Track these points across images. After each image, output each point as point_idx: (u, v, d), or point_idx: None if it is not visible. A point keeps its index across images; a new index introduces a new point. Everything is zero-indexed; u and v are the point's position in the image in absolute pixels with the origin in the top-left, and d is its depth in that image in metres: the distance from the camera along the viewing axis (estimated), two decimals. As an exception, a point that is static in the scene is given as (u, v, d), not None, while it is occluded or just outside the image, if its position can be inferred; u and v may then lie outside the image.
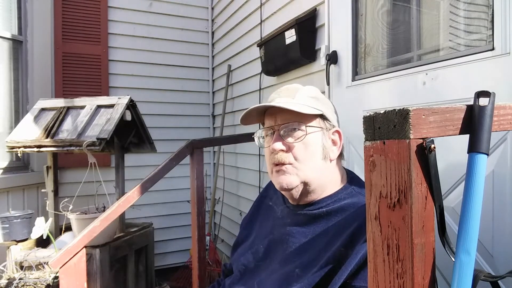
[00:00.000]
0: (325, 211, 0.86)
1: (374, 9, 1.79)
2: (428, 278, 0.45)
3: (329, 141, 0.89)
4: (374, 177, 0.48)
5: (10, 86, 2.96)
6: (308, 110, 0.85)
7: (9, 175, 2.79)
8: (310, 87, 0.96)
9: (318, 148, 0.87)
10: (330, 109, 0.92)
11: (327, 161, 0.88)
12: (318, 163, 0.87)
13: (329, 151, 0.88)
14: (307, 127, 0.85)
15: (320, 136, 0.87)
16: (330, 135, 0.89)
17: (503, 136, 1.14)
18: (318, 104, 0.89)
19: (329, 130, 0.89)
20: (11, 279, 2.08)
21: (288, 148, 0.86)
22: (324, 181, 0.89)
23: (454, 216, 1.27)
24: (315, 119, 0.88)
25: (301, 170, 0.86)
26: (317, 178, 0.88)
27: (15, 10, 3.00)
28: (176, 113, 3.82)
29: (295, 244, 0.87)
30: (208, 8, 3.97)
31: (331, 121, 0.90)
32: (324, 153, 0.88)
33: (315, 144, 0.87)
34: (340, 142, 0.91)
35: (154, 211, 3.55)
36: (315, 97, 0.90)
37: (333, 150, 0.89)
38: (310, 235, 0.86)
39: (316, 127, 0.87)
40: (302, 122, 0.85)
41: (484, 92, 0.49)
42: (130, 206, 1.70)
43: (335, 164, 0.92)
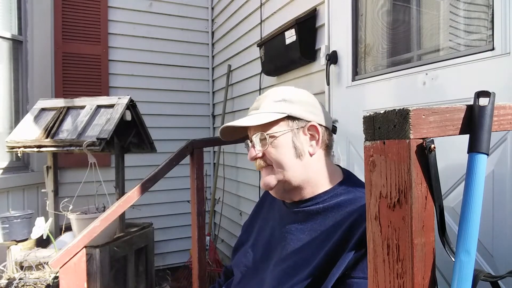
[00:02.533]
0: (321, 207, 0.89)
1: (374, 9, 1.79)
2: (428, 278, 0.45)
3: (303, 138, 0.92)
4: (374, 177, 0.48)
5: (10, 86, 2.96)
6: (266, 119, 0.89)
7: (9, 175, 2.79)
8: (279, 89, 0.97)
9: (289, 149, 0.91)
10: (304, 106, 0.93)
11: (304, 157, 0.91)
12: (292, 162, 0.91)
13: (304, 147, 0.91)
14: (271, 135, 0.91)
15: (289, 137, 0.91)
16: (305, 132, 0.92)
17: (503, 136, 1.14)
18: (285, 106, 0.91)
19: (302, 128, 0.91)
20: (11, 279, 2.08)
21: (263, 154, 0.93)
22: (308, 176, 0.92)
23: (454, 216, 1.27)
24: (281, 122, 0.91)
25: (276, 170, 0.92)
26: (296, 175, 0.91)
27: (15, 10, 3.00)
28: (176, 113, 3.82)
29: (294, 241, 0.89)
30: (208, 8, 3.97)
31: (304, 118, 0.92)
32: (297, 152, 0.91)
33: (285, 146, 0.91)
34: (318, 135, 0.92)
35: (154, 211, 3.55)
36: (282, 100, 0.92)
37: (312, 144, 0.92)
38: (307, 231, 0.88)
39: (283, 130, 0.91)
40: (265, 131, 0.91)
41: (484, 92, 0.49)
42: (130, 206, 1.70)
43: (319, 158, 0.93)
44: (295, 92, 0.96)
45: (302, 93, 0.97)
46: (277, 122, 0.91)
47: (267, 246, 0.98)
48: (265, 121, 0.89)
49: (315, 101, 0.97)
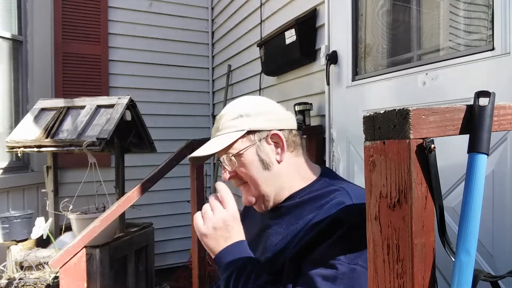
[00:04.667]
0: (297, 201, 0.91)
1: (374, 9, 1.79)
2: (428, 278, 0.45)
3: (267, 148, 0.91)
4: (374, 177, 0.48)
5: (10, 86, 2.96)
6: (226, 142, 0.90)
7: (9, 175, 2.79)
8: (235, 105, 0.96)
9: (256, 164, 0.91)
10: (262, 116, 0.92)
11: (273, 167, 0.92)
12: (263, 176, 0.91)
13: (271, 157, 0.91)
14: (236, 154, 0.91)
15: (253, 151, 0.91)
16: (268, 141, 0.92)
17: (503, 136, 1.14)
18: (243, 121, 0.91)
19: (264, 138, 0.91)
20: (11, 279, 2.08)
21: (235, 173, 0.94)
22: (282, 182, 0.93)
23: (454, 216, 1.27)
24: (242, 139, 0.91)
25: (252, 187, 0.93)
26: (270, 187, 0.92)
27: (15, 10, 3.00)
28: (176, 113, 3.82)
29: (272, 235, 0.92)
30: (208, 8, 3.97)
31: (264, 129, 0.91)
32: (264, 164, 0.91)
33: (252, 162, 0.91)
34: (282, 141, 0.91)
35: (154, 211, 3.55)
36: (239, 115, 0.92)
37: (278, 152, 0.92)
38: (285, 225, 0.91)
39: (246, 147, 0.91)
40: (230, 151, 0.91)
41: (484, 92, 0.49)
42: (130, 206, 1.70)
43: (290, 161, 0.93)
44: (251, 103, 0.95)
45: (258, 102, 0.96)
46: (240, 139, 0.91)
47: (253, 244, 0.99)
48: (225, 144, 0.89)
49: (272, 106, 0.96)
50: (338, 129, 1.94)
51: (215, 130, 0.96)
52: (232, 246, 0.86)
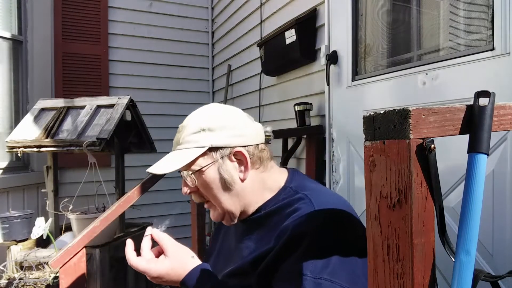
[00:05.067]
0: (263, 214, 0.88)
1: (374, 9, 1.79)
2: (428, 278, 0.45)
3: (230, 166, 0.86)
4: (374, 177, 0.48)
5: (10, 86, 2.96)
6: (186, 159, 0.84)
7: (9, 175, 2.79)
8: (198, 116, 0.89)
9: (217, 182, 0.86)
10: (226, 131, 0.85)
11: (235, 186, 0.86)
12: (225, 194, 0.87)
13: (233, 176, 0.86)
14: (197, 171, 0.85)
15: (215, 169, 0.85)
16: (231, 158, 0.86)
17: (503, 136, 1.14)
18: (205, 137, 0.84)
19: (227, 155, 0.85)
20: (11, 279, 2.08)
21: (196, 189, 0.89)
22: (246, 200, 0.88)
23: (454, 216, 1.27)
24: (203, 156, 0.85)
25: (216, 205, 0.89)
26: (234, 205, 0.88)
27: (15, 10, 3.00)
28: (176, 113, 3.81)
29: (243, 249, 0.90)
30: (208, 8, 3.97)
31: (227, 145, 0.85)
32: (226, 183, 0.86)
33: (213, 180, 0.86)
34: (245, 159, 0.85)
35: (154, 211, 3.54)
36: (201, 129, 0.85)
37: (241, 169, 0.86)
38: (254, 239, 0.88)
39: (207, 164, 0.85)
40: (190, 168, 0.86)
41: (484, 92, 0.49)
42: (130, 206, 1.70)
43: (254, 178, 0.88)
44: (214, 115, 0.88)
45: (222, 114, 0.88)
46: (201, 155, 0.85)
47: (227, 256, 0.98)
48: (186, 161, 0.84)
49: (237, 119, 0.88)
50: (338, 129, 1.94)
51: (176, 142, 0.90)
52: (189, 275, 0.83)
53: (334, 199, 0.86)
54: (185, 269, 0.84)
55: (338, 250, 0.74)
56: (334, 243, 0.75)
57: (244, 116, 0.90)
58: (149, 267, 0.83)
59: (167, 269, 0.83)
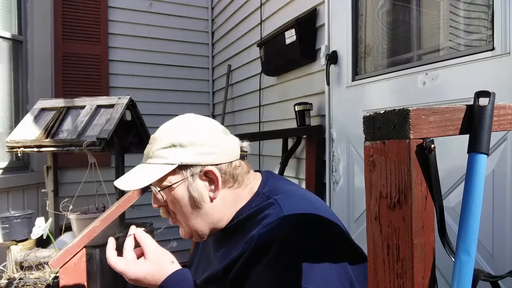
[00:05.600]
0: (236, 222, 0.86)
1: (374, 9, 1.79)
2: (428, 278, 0.45)
3: (200, 184, 0.83)
4: (374, 177, 0.48)
5: (10, 86, 2.96)
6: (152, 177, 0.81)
7: (9, 175, 2.79)
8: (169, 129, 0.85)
9: (185, 201, 0.83)
10: (197, 148, 0.81)
11: (204, 205, 0.84)
12: (193, 213, 0.84)
13: (203, 195, 0.83)
14: (165, 187, 0.83)
15: (184, 187, 0.82)
16: (202, 177, 0.82)
17: (503, 136, 1.14)
18: (175, 153, 0.81)
19: (198, 174, 0.82)
20: (11, 279, 2.08)
21: (165, 203, 0.86)
22: (216, 218, 0.86)
23: (454, 216, 1.27)
24: (173, 173, 0.82)
25: (184, 223, 0.87)
26: (202, 223, 0.86)
27: (15, 10, 3.00)
28: (176, 113, 3.72)
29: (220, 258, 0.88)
30: (208, 8, 3.97)
31: (198, 163, 0.81)
32: (195, 201, 0.83)
33: (181, 198, 0.83)
34: (216, 178, 0.82)
35: (154, 211, 3.52)
36: (172, 145, 0.81)
37: (212, 188, 0.83)
38: (230, 245, 0.86)
39: (176, 182, 0.82)
40: (159, 183, 0.83)
41: (484, 92, 0.49)
42: (130, 206, 1.70)
43: (224, 196, 0.85)
44: (187, 130, 0.84)
45: (195, 129, 0.84)
46: (171, 173, 0.81)
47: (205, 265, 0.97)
48: (154, 178, 0.80)
49: (211, 134, 0.84)
50: (338, 129, 1.94)
51: (146, 155, 0.86)
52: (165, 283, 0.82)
53: (306, 203, 0.84)
54: (164, 274, 0.82)
55: (306, 256, 0.72)
56: (302, 249, 0.73)
57: (219, 131, 0.86)
58: (127, 269, 0.82)
59: (145, 272, 0.82)
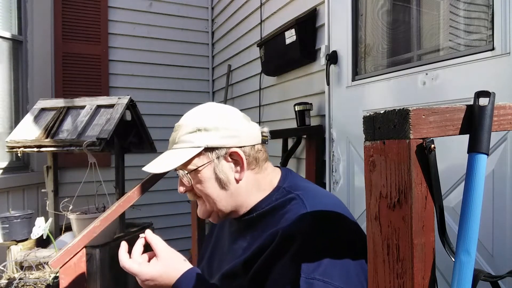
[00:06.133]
0: (258, 214, 0.88)
1: (374, 9, 1.79)
2: (428, 278, 0.45)
3: (226, 166, 0.86)
4: (374, 177, 0.48)
5: (10, 86, 2.96)
6: (181, 159, 0.84)
7: (9, 175, 2.79)
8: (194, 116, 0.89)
9: (212, 182, 0.86)
10: (221, 131, 0.85)
11: (230, 186, 0.87)
12: (220, 194, 0.87)
13: (229, 176, 0.86)
14: (192, 170, 0.86)
15: (210, 169, 0.86)
16: (227, 159, 0.86)
17: (503, 136, 1.14)
18: (200, 137, 0.85)
19: (223, 156, 0.86)
20: (11, 279, 2.08)
21: (191, 188, 0.89)
22: (239, 201, 0.89)
23: (454, 216, 1.27)
24: (199, 156, 0.85)
25: (207, 203, 0.90)
26: (226, 205, 0.88)
27: (15, 10, 3.00)
28: (176, 113, 3.77)
29: (237, 250, 0.90)
30: (208, 8, 3.97)
31: (223, 146, 0.85)
32: (222, 183, 0.86)
33: (209, 179, 0.86)
34: (241, 160, 0.85)
35: (154, 211, 3.54)
36: (197, 129, 0.85)
37: (237, 170, 0.87)
38: (249, 238, 0.88)
39: (203, 164, 0.85)
40: (186, 167, 0.86)
41: (484, 92, 0.49)
42: (130, 206, 1.70)
43: (249, 179, 0.88)
44: (210, 115, 0.87)
45: (218, 114, 0.88)
46: (197, 155, 0.85)
47: (221, 257, 0.98)
48: (181, 161, 0.84)
49: (234, 119, 0.88)
50: (338, 129, 1.94)
51: (172, 141, 0.90)
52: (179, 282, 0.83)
53: (327, 200, 0.86)
54: (178, 272, 0.84)
55: (329, 251, 0.74)
56: (325, 244, 0.75)
57: (240, 116, 0.90)
58: (141, 270, 0.83)
59: (160, 272, 0.83)
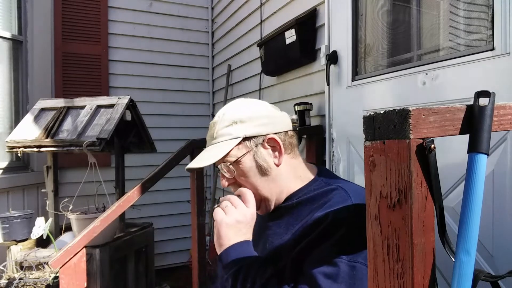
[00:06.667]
0: (295, 202, 0.92)
1: (374, 9, 1.79)
2: (428, 278, 0.45)
3: (265, 153, 0.91)
4: (374, 177, 0.48)
5: (10, 86, 2.96)
6: (222, 152, 0.89)
7: (9, 175, 2.79)
8: (228, 110, 0.94)
9: (253, 170, 0.91)
10: (256, 121, 0.91)
11: (272, 171, 0.92)
12: (262, 181, 0.92)
13: (269, 162, 0.91)
14: (234, 162, 0.90)
15: (250, 158, 0.91)
16: (265, 146, 0.91)
17: (503, 136, 1.14)
18: (237, 128, 0.90)
19: (261, 144, 0.91)
20: (11, 279, 2.08)
21: (234, 180, 0.94)
22: (281, 186, 0.93)
23: (454, 216, 1.27)
24: (238, 146, 0.90)
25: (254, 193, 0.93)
26: (270, 191, 0.93)
27: (15, 10, 3.00)
28: (176, 113, 3.81)
29: (271, 236, 0.94)
30: (208, 8, 3.97)
31: (259, 134, 0.90)
32: (263, 169, 0.91)
33: (250, 168, 0.91)
34: (279, 145, 0.91)
35: (154, 211, 3.54)
36: (233, 122, 0.91)
37: (276, 155, 0.92)
38: (284, 225, 0.92)
39: (243, 154, 0.90)
40: (226, 160, 0.91)
41: (484, 92, 0.49)
42: (130, 206, 1.70)
43: (287, 163, 0.94)
44: (243, 108, 0.94)
45: (251, 106, 0.94)
46: (236, 146, 0.90)
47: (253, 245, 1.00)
48: (223, 153, 0.89)
49: (265, 109, 0.95)
50: (338, 129, 1.94)
51: (209, 138, 0.95)
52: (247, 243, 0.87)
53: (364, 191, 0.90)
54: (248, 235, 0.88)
55: None
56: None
57: (270, 106, 0.97)
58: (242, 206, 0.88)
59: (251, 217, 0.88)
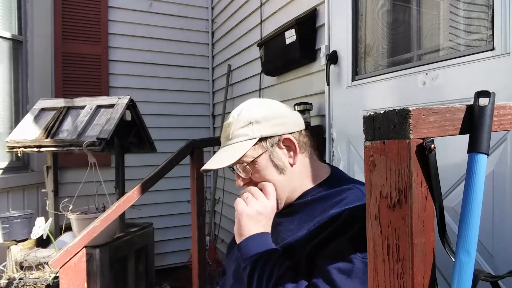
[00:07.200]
0: (309, 199, 0.93)
1: (374, 9, 1.79)
2: (428, 278, 0.45)
3: (280, 153, 0.92)
4: (374, 177, 0.48)
5: (10, 86, 2.96)
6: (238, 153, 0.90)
7: (9, 175, 2.79)
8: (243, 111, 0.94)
9: (270, 169, 0.92)
10: (271, 121, 0.92)
11: (287, 170, 0.93)
12: (278, 180, 0.93)
13: (284, 162, 0.93)
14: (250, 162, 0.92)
15: (266, 158, 0.92)
16: (280, 146, 0.92)
17: (503, 136, 1.14)
18: (253, 129, 0.91)
19: (276, 144, 0.92)
20: (11, 279, 2.08)
21: (249, 179, 0.95)
22: (294, 185, 0.94)
23: (454, 216, 1.27)
24: (254, 146, 0.91)
25: None
26: (284, 190, 0.94)
27: (15, 10, 3.00)
28: (176, 113, 3.82)
29: (283, 232, 0.94)
30: (208, 8, 3.97)
31: (275, 134, 0.92)
32: (279, 169, 0.93)
33: (266, 168, 0.92)
34: (294, 145, 0.92)
35: (154, 211, 3.54)
36: (249, 123, 0.91)
37: (291, 155, 0.93)
38: (296, 222, 0.92)
39: (259, 154, 0.91)
40: (242, 160, 0.92)
41: (484, 92, 0.49)
42: (130, 206, 1.70)
43: (302, 163, 0.95)
44: (259, 108, 0.94)
45: (265, 106, 0.95)
46: (252, 147, 0.91)
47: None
48: (240, 154, 0.90)
49: (280, 108, 0.96)
50: (338, 129, 1.94)
51: (225, 138, 0.95)
52: (266, 234, 0.88)
53: None
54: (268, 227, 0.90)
55: None
56: None
57: (283, 106, 0.97)
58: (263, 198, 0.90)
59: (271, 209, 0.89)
